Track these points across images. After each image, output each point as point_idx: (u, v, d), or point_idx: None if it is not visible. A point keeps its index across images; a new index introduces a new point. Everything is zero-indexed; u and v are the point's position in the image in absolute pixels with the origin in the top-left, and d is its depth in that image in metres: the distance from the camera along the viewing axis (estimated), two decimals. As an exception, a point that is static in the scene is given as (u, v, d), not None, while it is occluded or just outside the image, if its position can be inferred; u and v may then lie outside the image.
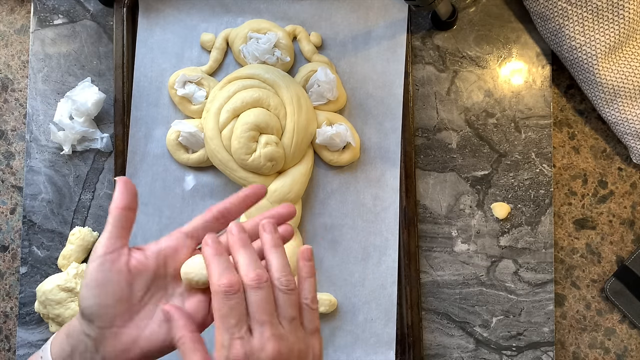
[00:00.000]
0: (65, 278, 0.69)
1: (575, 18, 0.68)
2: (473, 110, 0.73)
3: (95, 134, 0.72)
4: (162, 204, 0.71)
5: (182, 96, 0.70)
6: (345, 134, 0.69)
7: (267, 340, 0.40)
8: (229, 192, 0.71)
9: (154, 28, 0.72)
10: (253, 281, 0.41)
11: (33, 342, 0.72)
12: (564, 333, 0.75)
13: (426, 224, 0.73)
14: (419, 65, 0.74)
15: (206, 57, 0.72)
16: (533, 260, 0.72)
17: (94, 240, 0.72)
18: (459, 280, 0.72)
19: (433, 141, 0.73)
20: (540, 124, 0.73)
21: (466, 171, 0.73)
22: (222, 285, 0.40)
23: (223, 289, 0.40)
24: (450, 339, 0.72)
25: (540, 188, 0.73)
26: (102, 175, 0.73)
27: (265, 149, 0.66)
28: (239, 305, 0.40)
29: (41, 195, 0.73)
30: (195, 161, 0.71)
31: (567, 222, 0.75)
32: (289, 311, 0.41)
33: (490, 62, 0.73)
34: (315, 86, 0.69)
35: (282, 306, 0.41)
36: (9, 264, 0.76)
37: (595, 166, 0.75)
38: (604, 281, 0.74)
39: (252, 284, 0.41)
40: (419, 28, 0.74)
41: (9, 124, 0.76)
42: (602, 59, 0.69)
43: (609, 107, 0.71)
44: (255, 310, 0.40)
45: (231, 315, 0.40)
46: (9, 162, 0.76)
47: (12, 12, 0.77)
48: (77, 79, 0.73)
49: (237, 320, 0.40)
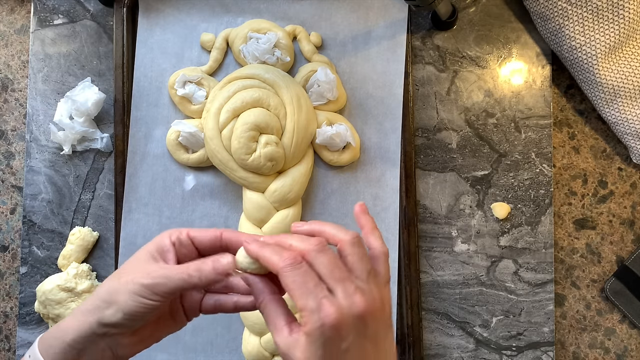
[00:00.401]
0: (65, 278, 0.69)
1: (575, 18, 0.68)
2: (473, 110, 0.73)
3: (95, 134, 0.72)
4: (162, 204, 0.71)
5: (182, 96, 0.70)
6: (345, 134, 0.69)
7: (352, 294, 0.40)
8: (229, 192, 0.71)
9: (154, 28, 0.72)
10: (316, 246, 0.41)
11: (33, 342, 0.72)
12: (564, 333, 0.75)
13: (426, 224, 0.73)
14: (419, 65, 0.74)
15: (206, 57, 0.72)
16: (533, 260, 0.72)
17: (94, 240, 0.72)
18: (459, 280, 0.72)
19: (433, 141, 0.73)
20: (540, 124, 0.73)
21: (466, 171, 0.73)
22: (287, 259, 0.40)
23: (289, 262, 0.40)
24: (450, 339, 0.72)
25: (540, 188, 0.73)
26: (102, 175, 0.73)
27: (265, 149, 0.66)
28: (309, 271, 0.40)
29: (41, 195, 0.73)
30: (195, 161, 0.71)
31: (567, 222, 0.75)
32: (363, 265, 0.42)
33: (490, 62, 0.73)
34: (315, 86, 0.69)
35: (355, 263, 0.41)
36: (9, 264, 0.76)
37: (595, 166, 0.75)
38: (604, 281, 0.74)
39: (315, 248, 0.41)
40: (419, 28, 0.74)
41: (9, 124, 0.76)
42: (602, 59, 0.69)
43: (609, 107, 0.71)
44: (328, 272, 0.40)
45: (307, 279, 0.40)
46: (9, 162, 0.76)
47: (12, 12, 0.77)
48: (77, 79, 0.73)
49: (315, 283, 0.40)
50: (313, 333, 0.39)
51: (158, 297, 0.42)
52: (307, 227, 0.45)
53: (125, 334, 0.44)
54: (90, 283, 0.70)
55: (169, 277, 0.42)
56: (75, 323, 0.44)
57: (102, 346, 0.44)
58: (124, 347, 0.45)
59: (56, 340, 0.44)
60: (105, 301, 0.43)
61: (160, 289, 0.42)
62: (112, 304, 0.42)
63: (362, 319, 0.40)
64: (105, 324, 0.43)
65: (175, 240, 0.45)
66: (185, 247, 0.45)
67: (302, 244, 0.41)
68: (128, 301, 0.42)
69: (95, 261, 0.73)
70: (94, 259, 0.73)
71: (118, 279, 0.43)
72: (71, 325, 0.44)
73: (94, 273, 0.72)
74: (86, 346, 0.43)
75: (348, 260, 0.42)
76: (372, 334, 0.40)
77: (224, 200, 0.71)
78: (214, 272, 0.42)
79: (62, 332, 0.44)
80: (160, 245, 0.45)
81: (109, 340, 0.44)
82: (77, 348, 0.43)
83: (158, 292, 0.42)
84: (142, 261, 0.44)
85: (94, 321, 0.43)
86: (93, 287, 0.70)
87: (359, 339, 0.40)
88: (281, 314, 0.42)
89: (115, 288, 0.43)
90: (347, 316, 0.39)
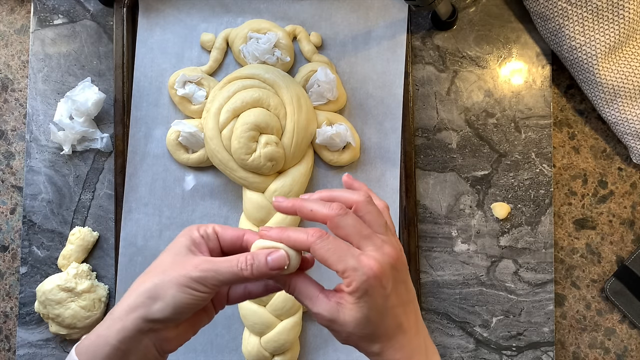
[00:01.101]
0: (65, 278, 0.69)
1: (575, 18, 0.68)
2: (473, 110, 0.73)
3: (95, 134, 0.72)
4: (162, 204, 0.71)
5: (182, 96, 0.70)
6: (345, 134, 0.69)
7: (381, 247, 0.43)
8: (229, 192, 0.71)
9: (154, 28, 0.72)
10: (340, 210, 0.43)
11: (33, 342, 0.72)
12: (564, 333, 0.75)
13: (426, 224, 0.73)
14: (419, 65, 0.74)
15: (206, 57, 0.72)
16: (533, 260, 0.72)
17: (94, 240, 0.72)
18: (459, 280, 0.72)
19: (433, 141, 0.73)
20: (540, 124, 0.73)
21: (466, 171, 0.73)
22: (314, 233, 0.42)
23: (317, 235, 0.42)
24: (450, 339, 0.72)
25: (540, 188, 0.73)
26: (102, 175, 0.73)
27: (265, 149, 0.66)
28: (337, 237, 0.43)
29: (41, 195, 0.73)
30: (195, 161, 0.71)
31: (567, 222, 0.75)
32: (380, 220, 0.45)
33: (490, 62, 0.73)
34: (315, 86, 0.69)
35: (373, 220, 0.44)
36: (9, 264, 0.76)
37: (595, 166, 0.75)
38: (604, 281, 0.74)
39: (340, 212, 0.43)
40: (419, 28, 0.74)
41: (9, 124, 0.76)
42: (602, 59, 0.69)
43: (609, 107, 0.71)
44: (357, 231, 0.43)
45: (338, 245, 0.42)
46: (9, 162, 0.76)
47: (12, 12, 0.77)
48: (77, 79, 0.73)
49: (347, 245, 0.43)
50: (359, 289, 0.42)
51: (208, 289, 0.43)
52: (318, 196, 0.46)
53: (170, 328, 0.44)
54: (90, 283, 0.70)
55: (218, 270, 0.43)
56: (117, 324, 0.43)
57: (147, 343, 0.44)
58: (168, 342, 0.45)
59: (98, 346, 0.43)
60: (151, 297, 0.43)
61: (210, 281, 0.43)
62: (159, 299, 0.43)
63: (394, 266, 0.43)
64: (152, 319, 0.43)
65: (203, 233, 0.46)
66: (212, 242, 0.47)
67: (325, 209, 0.43)
68: (178, 294, 0.42)
69: (95, 261, 0.73)
70: (94, 259, 0.73)
71: (160, 274, 0.44)
72: (112, 328, 0.43)
73: (94, 273, 0.72)
74: (131, 346, 0.43)
75: (367, 218, 0.44)
76: (403, 277, 0.44)
77: (224, 200, 0.71)
78: (267, 266, 0.43)
79: (103, 337, 0.43)
80: (193, 237, 0.46)
81: (153, 337, 0.44)
82: (122, 349, 0.43)
83: (208, 285, 0.43)
84: (182, 255, 0.45)
85: (140, 318, 0.43)
86: (93, 287, 0.70)
87: (395, 284, 0.43)
88: (313, 287, 0.45)
89: (162, 283, 0.43)
90: (385, 266, 0.42)
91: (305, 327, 0.71)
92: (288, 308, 0.68)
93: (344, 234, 0.43)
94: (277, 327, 0.68)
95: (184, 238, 0.46)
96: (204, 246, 0.46)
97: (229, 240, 0.47)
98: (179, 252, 0.45)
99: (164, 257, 0.45)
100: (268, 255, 0.44)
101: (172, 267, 0.44)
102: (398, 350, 0.44)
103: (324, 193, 0.46)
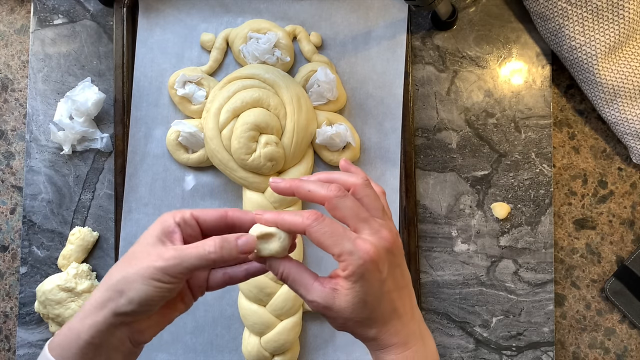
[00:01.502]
0: (65, 278, 0.69)
1: (575, 18, 0.68)
2: (473, 110, 0.73)
3: (95, 134, 0.72)
4: (162, 204, 0.71)
5: (182, 96, 0.70)
6: (345, 134, 0.69)
7: (378, 230, 0.43)
8: (229, 192, 0.71)
9: (154, 28, 0.72)
10: (338, 192, 0.43)
11: (33, 342, 0.72)
12: (564, 333, 0.75)
13: (426, 224, 0.73)
14: (419, 65, 0.74)
15: (206, 57, 0.72)
16: (533, 260, 0.72)
17: (94, 240, 0.72)
18: (459, 280, 0.72)
19: (433, 141, 0.73)
20: (540, 124, 0.73)
21: (466, 171, 0.73)
22: (310, 216, 0.42)
23: (313, 217, 0.42)
24: (450, 339, 0.72)
25: (540, 188, 0.73)
26: (102, 175, 0.73)
27: (265, 149, 0.66)
28: (333, 220, 0.42)
29: (41, 195, 0.73)
30: (195, 161, 0.71)
31: (567, 222, 0.75)
32: (378, 204, 0.44)
33: (490, 62, 0.73)
34: (315, 86, 0.69)
35: (371, 203, 0.44)
36: (9, 264, 0.76)
37: (595, 166, 0.75)
38: (604, 281, 0.74)
39: (338, 194, 0.43)
40: (419, 28, 0.74)
41: (9, 124, 0.76)
42: (602, 59, 0.69)
43: (609, 107, 0.71)
44: (354, 214, 0.43)
45: (335, 228, 0.42)
46: (9, 162, 0.76)
47: (12, 12, 0.77)
48: (77, 79, 0.73)
49: (343, 228, 0.42)
50: (355, 273, 0.41)
51: (173, 279, 0.42)
52: (316, 178, 0.46)
53: (141, 320, 0.44)
54: (90, 283, 0.70)
55: (182, 258, 0.42)
56: (88, 320, 0.42)
57: (119, 336, 0.43)
58: (141, 334, 0.44)
59: (70, 341, 0.43)
60: (118, 291, 0.42)
61: (175, 270, 0.41)
62: (125, 292, 0.42)
63: (390, 250, 0.43)
64: (120, 313, 0.42)
65: (180, 220, 0.45)
66: (191, 228, 0.45)
67: (323, 191, 0.43)
68: (142, 287, 0.41)
69: (95, 261, 0.73)
70: (94, 259, 0.73)
71: (127, 266, 0.42)
72: (84, 323, 0.42)
73: (94, 273, 0.72)
74: (103, 340, 0.43)
75: (364, 201, 0.44)
76: (399, 262, 0.44)
77: (224, 200, 0.71)
78: (237, 249, 0.43)
79: (74, 332, 0.43)
80: (165, 226, 0.44)
81: (125, 330, 0.43)
82: (94, 344, 0.42)
83: (173, 274, 0.41)
84: (150, 245, 0.43)
85: (109, 313, 0.42)
86: (93, 287, 0.70)
87: (391, 268, 0.43)
88: (307, 274, 0.44)
89: (127, 276, 0.42)
90: (381, 250, 0.42)
91: (305, 327, 0.71)
92: (288, 308, 0.68)
93: (342, 215, 0.43)
94: (277, 327, 0.68)
95: (156, 227, 0.44)
96: (176, 234, 0.44)
97: (212, 221, 0.46)
98: (147, 243, 0.43)
99: (134, 248, 0.44)
100: (238, 238, 0.43)
101: (138, 258, 0.42)
102: (394, 335, 0.44)
103: (322, 175, 0.46)
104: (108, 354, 0.43)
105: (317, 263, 0.71)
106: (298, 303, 0.68)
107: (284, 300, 0.67)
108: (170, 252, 0.42)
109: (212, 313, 0.71)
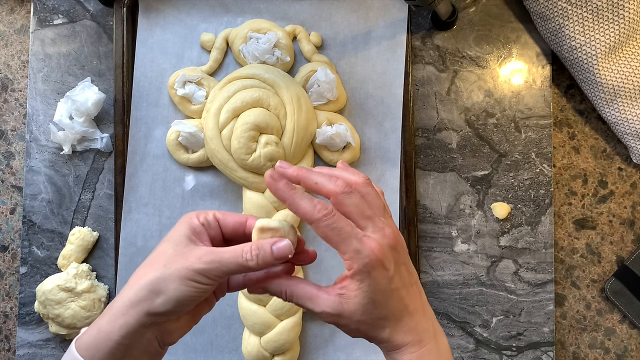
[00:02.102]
0: (65, 278, 0.69)
1: (575, 18, 0.68)
2: (473, 110, 0.73)
3: (95, 134, 0.72)
4: (162, 204, 0.71)
5: (182, 96, 0.70)
6: (345, 134, 0.69)
7: (382, 228, 0.42)
8: (229, 192, 0.71)
9: (154, 28, 0.72)
10: (345, 188, 0.43)
11: (33, 342, 0.72)
12: (564, 333, 0.75)
13: (426, 224, 0.73)
14: (419, 65, 0.74)
15: (206, 57, 0.72)
16: (533, 260, 0.72)
17: (94, 240, 0.72)
18: (459, 280, 0.72)
19: (433, 141, 0.73)
20: (540, 124, 0.73)
21: (466, 171, 0.73)
22: (321, 209, 0.41)
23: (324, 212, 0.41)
24: (450, 339, 0.72)
25: (540, 188, 0.73)
26: (102, 175, 0.73)
27: (265, 149, 0.66)
28: (342, 216, 0.42)
29: (41, 195, 0.73)
30: (195, 161, 0.71)
31: (567, 222, 0.75)
32: (379, 202, 0.44)
33: (490, 62, 0.73)
34: (315, 86, 0.69)
35: (372, 201, 0.44)
36: (9, 264, 0.76)
37: (595, 166, 0.75)
38: (604, 281, 0.74)
39: (345, 190, 0.42)
40: (419, 28, 0.74)
41: (9, 124, 0.76)
42: (602, 59, 0.69)
43: (609, 107, 0.71)
44: (360, 211, 0.43)
45: (343, 225, 0.41)
46: (9, 162, 0.76)
47: (12, 12, 0.77)
48: (77, 79, 0.73)
49: (351, 226, 0.42)
50: (362, 271, 0.41)
51: (211, 280, 0.42)
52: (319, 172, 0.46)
53: (172, 321, 0.44)
54: (90, 283, 0.70)
55: (222, 262, 0.42)
56: (119, 319, 0.42)
57: (148, 337, 0.43)
58: (170, 334, 0.44)
59: (100, 342, 0.42)
60: (153, 291, 0.42)
61: (214, 273, 0.42)
62: (161, 292, 0.42)
63: (394, 248, 0.43)
64: (154, 313, 0.42)
65: (204, 221, 0.45)
66: (213, 229, 0.45)
67: (331, 185, 0.43)
68: (181, 287, 0.42)
69: (95, 261, 0.73)
70: (94, 259, 0.73)
71: (161, 266, 0.43)
72: (115, 324, 0.42)
73: (94, 273, 0.72)
74: (134, 340, 0.43)
75: (366, 199, 0.44)
76: (403, 259, 0.44)
77: (224, 200, 0.71)
78: (272, 256, 0.43)
79: (105, 332, 0.42)
80: (193, 226, 0.44)
81: (155, 330, 0.43)
82: (125, 344, 0.42)
83: (211, 276, 0.42)
84: (183, 246, 0.43)
85: (141, 313, 0.42)
86: (93, 287, 0.70)
87: (397, 266, 0.43)
88: (310, 287, 0.44)
89: (164, 276, 0.42)
90: (385, 247, 0.42)
91: (305, 327, 0.71)
92: (288, 308, 0.68)
93: (347, 211, 0.42)
94: (277, 327, 0.68)
95: (183, 226, 0.44)
96: (204, 235, 0.45)
97: (231, 226, 0.46)
98: (179, 243, 0.44)
99: (164, 248, 0.44)
100: (273, 244, 0.43)
101: (173, 259, 0.43)
102: (407, 333, 0.43)
103: (325, 170, 0.45)
104: (136, 355, 0.43)
105: (317, 263, 0.71)
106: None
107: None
108: (209, 255, 0.42)
109: (212, 313, 0.70)
